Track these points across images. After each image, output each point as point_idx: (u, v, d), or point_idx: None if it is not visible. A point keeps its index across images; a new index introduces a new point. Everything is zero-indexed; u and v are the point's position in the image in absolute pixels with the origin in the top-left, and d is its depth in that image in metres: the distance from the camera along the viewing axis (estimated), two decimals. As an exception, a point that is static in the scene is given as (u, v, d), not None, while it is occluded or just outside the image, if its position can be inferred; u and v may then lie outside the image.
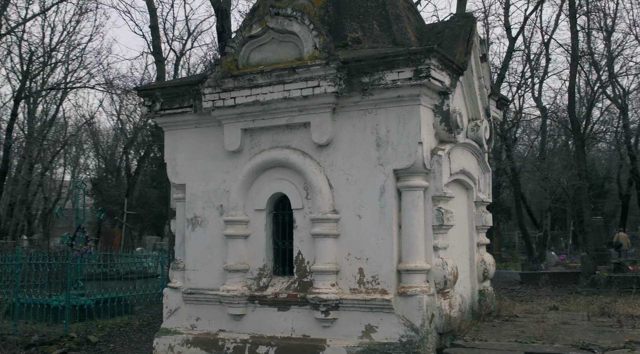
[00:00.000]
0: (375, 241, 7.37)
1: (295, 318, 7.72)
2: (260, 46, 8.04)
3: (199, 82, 8.19)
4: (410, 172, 7.33)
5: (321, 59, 7.41)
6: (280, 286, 7.90)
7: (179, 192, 8.68)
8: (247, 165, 8.06)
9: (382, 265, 7.32)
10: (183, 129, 8.62)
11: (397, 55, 7.16)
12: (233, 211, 8.06)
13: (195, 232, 8.43)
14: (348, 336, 7.42)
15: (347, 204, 7.53)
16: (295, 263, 7.81)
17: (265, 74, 7.71)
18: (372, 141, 7.47)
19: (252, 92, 7.86)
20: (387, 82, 7.22)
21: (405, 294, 7.20)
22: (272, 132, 8.02)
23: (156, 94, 8.56)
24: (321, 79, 7.44)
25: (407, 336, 7.13)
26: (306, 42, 7.62)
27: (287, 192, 7.90)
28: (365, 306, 7.33)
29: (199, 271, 8.36)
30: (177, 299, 8.50)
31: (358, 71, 7.36)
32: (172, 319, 8.51)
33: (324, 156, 7.71)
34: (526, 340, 7.24)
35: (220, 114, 8.12)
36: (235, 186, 8.09)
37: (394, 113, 7.37)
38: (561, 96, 33.07)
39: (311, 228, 7.67)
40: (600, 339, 7.30)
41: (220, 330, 8.15)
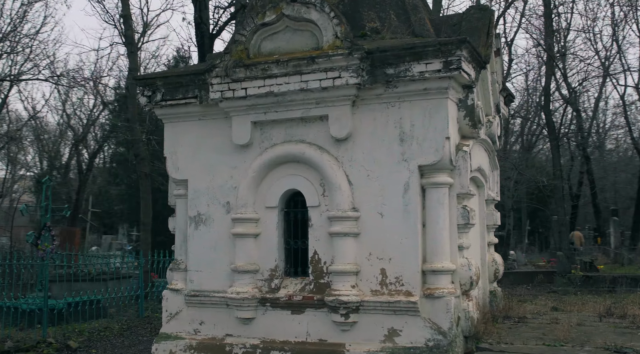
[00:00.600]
0: (399, 241, 7.03)
1: (310, 321, 7.32)
2: (273, 35, 7.61)
3: (206, 71, 7.70)
4: (436, 168, 7.01)
5: (343, 49, 7.03)
6: (293, 287, 7.48)
7: (179, 188, 8.16)
8: (257, 160, 7.61)
9: (407, 265, 6.99)
10: (185, 121, 8.10)
11: (426, 46, 6.84)
12: (242, 209, 7.60)
13: (199, 230, 7.92)
14: (369, 340, 7.06)
15: (368, 201, 7.17)
16: (311, 264, 7.41)
17: (281, 63, 7.28)
18: (395, 136, 7.13)
19: (265, 83, 7.42)
20: (414, 74, 6.89)
21: (432, 296, 6.89)
22: (285, 126, 7.59)
23: (157, 83, 8.01)
24: (342, 69, 7.06)
25: (434, 340, 6.82)
26: (325, 31, 7.22)
27: (301, 189, 7.48)
28: (388, 309, 6.98)
29: (203, 272, 7.87)
30: (178, 301, 7.98)
31: (382, 62, 7.01)
32: (172, 324, 7.98)
33: (342, 150, 7.33)
34: (554, 343, 7.03)
35: (229, 105, 7.64)
36: (245, 182, 7.63)
37: (419, 107, 7.05)
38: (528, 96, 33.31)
39: (328, 227, 7.28)
40: (624, 342, 7.14)
41: (227, 335, 7.68)
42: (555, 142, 23.12)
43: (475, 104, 7.32)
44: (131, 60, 16.80)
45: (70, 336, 10.59)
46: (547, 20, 22.97)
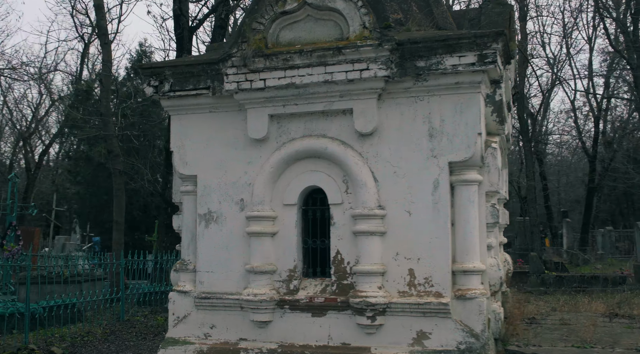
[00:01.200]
0: (428, 240, 6.77)
1: (333, 324, 6.99)
2: (292, 24, 7.25)
3: (220, 61, 7.28)
4: (466, 165, 6.79)
5: (373, 40, 6.73)
6: (313, 289, 7.14)
7: (187, 184, 7.71)
8: (275, 155, 7.24)
9: (437, 266, 6.74)
10: (195, 113, 7.66)
11: (461, 38, 6.61)
12: (259, 206, 7.22)
13: (210, 229, 7.50)
14: (396, 344, 6.79)
15: (395, 199, 6.89)
16: (333, 264, 7.08)
17: (304, 54, 6.93)
18: (424, 131, 6.87)
19: (286, 74, 7.06)
20: (447, 67, 6.65)
21: (464, 297, 6.66)
22: (305, 119, 7.25)
23: (165, 73, 7.55)
24: (371, 61, 6.77)
25: (466, 343, 6.59)
26: (352, 21, 6.91)
27: (323, 186, 7.15)
28: (417, 311, 6.72)
29: (215, 273, 7.44)
30: (186, 304, 7.53)
31: (412, 54, 6.74)
32: (180, 328, 7.53)
33: (367, 146, 7.03)
34: (584, 345, 6.90)
35: (245, 97, 7.25)
36: (262, 178, 7.25)
37: (450, 101, 6.81)
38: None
39: (352, 225, 6.97)
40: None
41: (241, 339, 7.28)
42: (528, 145, 23.37)
43: (503, 100, 7.14)
44: (105, 51, 16.02)
45: (53, 341, 9.94)
46: (522, 23, 23.23)
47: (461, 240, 6.78)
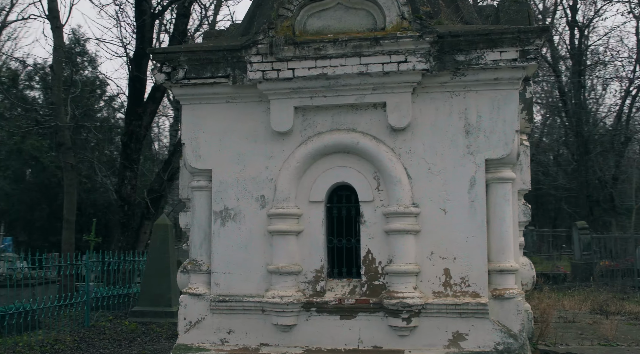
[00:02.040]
0: (465, 239, 6.60)
1: (363, 327, 6.70)
2: (321, 12, 6.91)
3: (243, 48, 6.85)
4: (502, 163, 6.67)
5: (413, 31, 6.50)
6: (340, 290, 6.83)
7: (199, 179, 7.20)
8: (301, 149, 6.87)
9: (473, 265, 6.58)
10: (210, 103, 7.17)
11: (504, 33, 6.47)
12: (284, 203, 6.83)
13: (227, 227, 7.03)
14: (431, 346, 6.58)
15: (430, 196, 6.68)
16: (364, 264, 6.79)
17: (338, 43, 6.61)
18: (459, 127, 6.70)
19: (317, 64, 6.71)
20: (487, 62, 6.50)
21: (502, 297, 6.53)
22: (332, 112, 6.92)
23: (180, 59, 7.02)
24: (409, 53, 6.53)
25: (504, 344, 6.46)
26: (389, 11, 6.65)
27: (352, 182, 6.84)
28: (453, 311, 6.53)
29: (232, 274, 6.99)
30: (200, 308, 7.03)
31: (452, 48, 6.56)
32: (193, 333, 7.02)
33: (399, 141, 6.78)
34: (610, 343, 6.93)
35: (270, 87, 6.84)
36: (286, 174, 6.86)
37: (487, 97, 6.67)
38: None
39: (384, 224, 6.71)
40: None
41: (262, 344, 6.87)
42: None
43: (532, 98, 7.08)
44: (56, 36, 14.93)
45: (22, 351, 9.09)
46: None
47: (497, 239, 6.65)
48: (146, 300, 11.55)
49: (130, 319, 11.24)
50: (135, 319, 11.16)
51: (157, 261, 11.51)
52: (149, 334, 10.20)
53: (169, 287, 11.82)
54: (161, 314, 11.26)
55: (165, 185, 15.84)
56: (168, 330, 10.46)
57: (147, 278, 11.67)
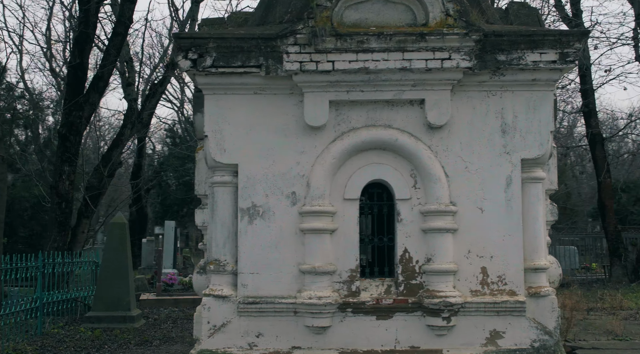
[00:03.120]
0: (501, 238, 6.64)
1: (400, 327, 6.58)
2: (359, 4, 6.70)
3: (279, 37, 6.52)
4: (536, 163, 6.77)
5: (459, 28, 6.45)
6: (375, 290, 6.67)
7: (222, 173, 6.77)
8: (337, 145, 6.64)
9: (510, 263, 6.63)
10: (236, 94, 6.76)
11: (546, 35, 6.57)
12: (319, 201, 6.56)
13: (254, 225, 6.66)
14: (469, 345, 6.57)
15: (467, 195, 6.66)
16: (400, 263, 6.66)
17: (382, 37, 6.44)
18: (496, 127, 6.73)
19: (358, 58, 6.50)
20: (528, 62, 6.57)
21: (538, 295, 6.62)
22: (367, 108, 6.74)
23: (209, 45, 6.56)
24: (454, 51, 6.48)
25: (540, 341, 6.57)
26: (432, 7, 6.56)
27: (389, 180, 6.69)
28: (491, 310, 6.56)
29: (261, 275, 6.63)
30: (225, 311, 6.62)
31: (494, 47, 6.57)
32: (218, 338, 6.60)
33: (436, 139, 6.72)
34: (625, 337, 7.22)
35: (306, 80, 6.56)
36: (321, 170, 6.60)
37: (523, 97, 6.74)
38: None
39: (422, 222, 6.62)
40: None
41: (294, 347, 6.57)
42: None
43: (556, 98, 7.25)
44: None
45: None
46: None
47: (531, 238, 6.74)
48: (102, 304, 10.70)
49: (86, 326, 10.39)
50: (91, 326, 10.33)
51: (114, 262, 10.70)
52: (115, 341, 9.48)
53: (127, 290, 11.03)
54: (120, 320, 10.50)
55: (106, 181, 14.83)
56: (135, 336, 9.78)
57: (102, 280, 10.81)
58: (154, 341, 9.41)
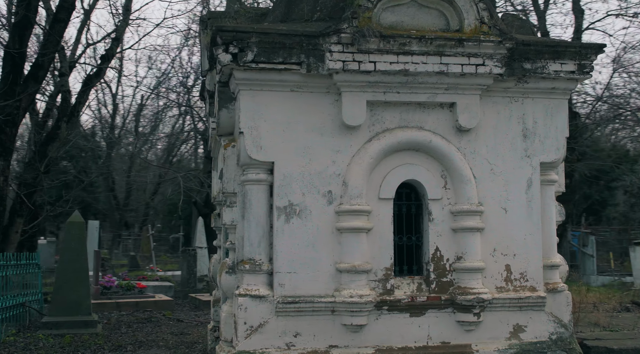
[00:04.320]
0: (523, 236, 7.00)
1: (432, 323, 6.76)
2: (395, 7, 6.82)
3: (322, 35, 6.50)
4: (552, 166, 7.20)
5: (494, 36, 6.73)
6: (407, 287, 6.81)
7: (257, 171, 6.62)
8: (374, 145, 6.71)
9: (531, 261, 7.00)
10: (273, 90, 6.65)
11: (568, 47, 7.01)
12: (357, 199, 6.60)
13: (291, 224, 6.59)
14: (494, 339, 6.86)
15: (492, 196, 6.96)
16: (432, 261, 6.83)
17: (424, 40, 6.59)
18: (518, 131, 7.08)
19: (399, 59, 6.62)
20: (550, 71, 6.98)
21: (555, 290, 7.04)
22: (400, 109, 6.86)
23: (251, 40, 6.41)
24: (487, 57, 6.76)
25: (557, 333, 6.99)
26: (467, 14, 6.79)
27: (422, 180, 6.85)
28: (514, 305, 6.89)
29: (298, 274, 6.56)
30: (262, 311, 6.48)
31: (522, 56, 6.92)
32: (255, 339, 6.45)
33: (464, 142, 6.96)
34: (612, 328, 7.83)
35: (346, 79, 6.58)
36: (358, 169, 6.65)
37: (542, 104, 7.14)
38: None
39: (452, 222, 6.85)
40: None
41: (331, 346, 6.57)
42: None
43: (562, 107, 7.72)
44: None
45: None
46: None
47: (547, 236, 7.16)
48: (60, 309, 9.91)
49: (44, 332, 9.61)
50: (50, 332, 9.57)
51: (73, 264, 9.96)
52: (88, 347, 8.89)
53: (87, 293, 10.30)
54: (81, 325, 9.80)
55: (42, 178, 13.68)
56: (105, 341, 9.24)
57: (60, 283, 10.01)
58: (127, 346, 8.93)
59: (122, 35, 17.38)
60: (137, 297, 12.94)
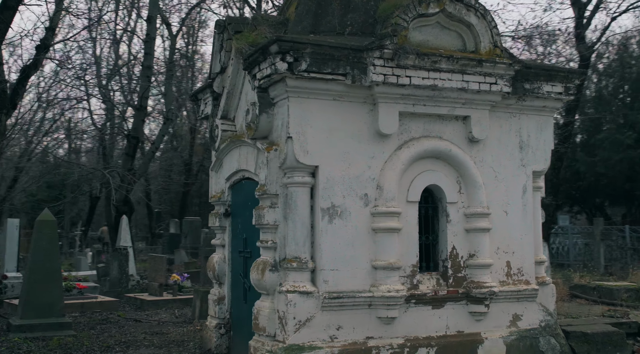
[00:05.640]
0: (520, 236, 7.94)
1: (450, 314, 7.50)
2: (422, 27, 7.48)
3: (366, 49, 7.01)
4: (540, 174, 8.24)
5: (507, 59, 7.61)
6: (429, 282, 7.50)
7: (301, 174, 6.99)
8: (404, 152, 7.33)
9: (526, 258, 7.96)
10: (318, 99, 7.05)
11: (559, 71, 8.07)
12: (392, 202, 7.19)
13: (334, 225, 7.03)
14: (498, 327, 7.74)
15: (496, 200, 7.83)
16: (450, 258, 7.57)
17: (451, 59, 7.32)
18: (515, 143, 8.02)
19: (429, 75, 7.30)
20: (544, 92, 7.99)
21: (544, 283, 8.07)
22: (424, 120, 7.54)
23: (306, 50, 6.76)
24: (499, 77, 7.62)
25: (545, 321, 8.02)
26: (483, 37, 7.59)
27: (442, 185, 7.57)
28: (514, 297, 7.81)
29: (340, 271, 7.02)
30: (309, 306, 6.87)
31: (523, 77, 7.84)
32: (304, 332, 6.82)
33: (474, 151, 7.77)
34: (573, 316, 9.02)
35: (385, 91, 7.15)
36: (392, 174, 7.24)
37: (534, 120, 8.14)
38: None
39: (465, 223, 7.64)
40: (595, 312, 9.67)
41: (368, 337, 7.10)
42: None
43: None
44: None
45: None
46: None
47: (537, 236, 8.18)
48: (32, 311, 9.27)
49: (19, 336, 9.00)
50: (24, 335, 8.99)
51: (45, 264, 9.38)
52: (78, 349, 8.57)
53: (60, 294, 9.75)
54: (56, 327, 9.28)
55: None
56: (91, 343, 8.96)
57: (32, 284, 9.39)
58: (115, 347, 8.78)
59: (56, 25, 16.45)
60: (81, 298, 12.43)
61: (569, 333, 8.22)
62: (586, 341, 8.20)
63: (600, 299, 12.42)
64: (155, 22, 20.12)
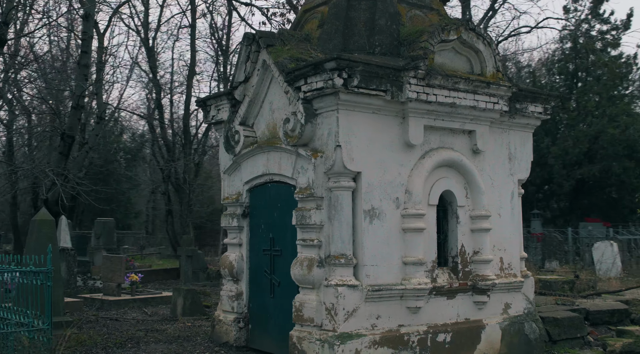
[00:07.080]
0: (509, 235, 9.17)
1: (459, 304, 8.55)
2: (442, 51, 8.48)
3: (404, 69, 7.90)
4: (523, 181, 9.51)
5: (507, 82, 8.80)
6: (442, 276, 8.49)
7: (346, 179, 7.74)
8: (428, 161, 8.30)
9: (514, 254, 9.20)
10: (360, 112, 7.83)
11: (541, 94, 9.40)
12: (419, 205, 8.13)
13: (374, 225, 7.85)
14: (495, 314, 8.90)
15: (492, 204, 8.99)
16: (460, 255, 8.61)
17: (467, 81, 8.39)
18: (505, 155, 9.25)
19: (450, 94, 8.32)
20: (529, 111, 9.28)
21: (527, 276, 9.35)
22: (439, 133, 8.55)
23: (358, 68, 7.51)
24: (500, 97, 8.79)
25: (527, 308, 9.30)
26: (488, 62, 8.73)
27: (454, 190, 8.60)
28: (506, 288, 9.01)
29: (378, 267, 7.86)
30: (355, 298, 7.63)
31: (516, 98, 9.08)
32: (351, 322, 7.58)
33: (476, 161, 8.89)
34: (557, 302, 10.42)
35: (416, 107, 8.08)
36: (419, 180, 8.18)
37: (518, 136, 9.41)
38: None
39: (471, 224, 8.73)
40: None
41: (400, 325, 7.97)
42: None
43: (513, 137, 10.08)
44: None
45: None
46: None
47: (520, 235, 9.45)
48: None
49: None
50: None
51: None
52: (95, 345, 8.55)
53: (62, 294, 9.44)
54: (60, 325, 9.10)
55: None
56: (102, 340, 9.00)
57: None
58: (127, 343, 8.92)
59: (10, 19, 15.54)
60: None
61: (543, 318, 9.56)
62: (557, 325, 9.60)
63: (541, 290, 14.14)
64: (92, 20, 19.65)
